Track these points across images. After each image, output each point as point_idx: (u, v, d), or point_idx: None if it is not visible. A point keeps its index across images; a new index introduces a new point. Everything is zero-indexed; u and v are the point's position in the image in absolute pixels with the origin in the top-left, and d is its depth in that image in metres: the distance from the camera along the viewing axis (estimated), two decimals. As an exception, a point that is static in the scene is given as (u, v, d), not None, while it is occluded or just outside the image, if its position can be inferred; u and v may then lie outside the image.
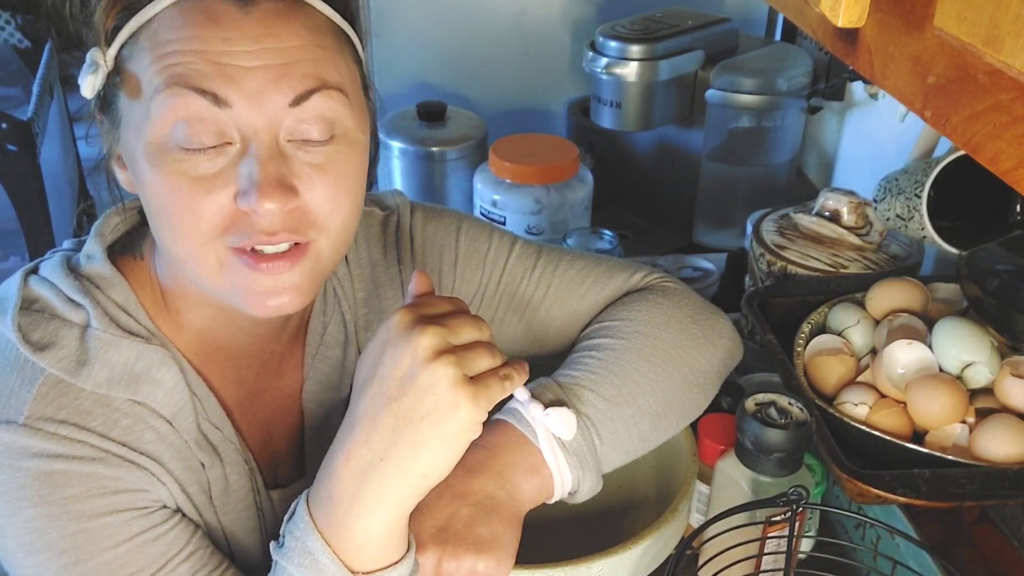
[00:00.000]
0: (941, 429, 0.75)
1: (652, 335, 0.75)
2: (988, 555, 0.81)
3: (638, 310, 0.78)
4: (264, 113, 0.59)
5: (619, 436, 0.70)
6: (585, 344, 0.76)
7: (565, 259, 0.84)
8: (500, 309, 0.83)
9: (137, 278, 0.70)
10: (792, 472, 0.73)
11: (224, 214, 0.60)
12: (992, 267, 0.80)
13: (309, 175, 0.61)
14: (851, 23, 0.51)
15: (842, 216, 1.05)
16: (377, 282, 0.80)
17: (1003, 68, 0.38)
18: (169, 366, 0.67)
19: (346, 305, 0.78)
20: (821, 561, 0.78)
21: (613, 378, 0.71)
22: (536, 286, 0.82)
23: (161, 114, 0.59)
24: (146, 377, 0.66)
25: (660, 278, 0.83)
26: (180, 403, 0.67)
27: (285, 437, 0.77)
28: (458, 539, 0.62)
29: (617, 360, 0.73)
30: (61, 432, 0.62)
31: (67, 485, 0.62)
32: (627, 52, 1.33)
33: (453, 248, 0.83)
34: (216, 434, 0.70)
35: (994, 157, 0.40)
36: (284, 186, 0.60)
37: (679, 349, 0.76)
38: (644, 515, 0.75)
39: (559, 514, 0.78)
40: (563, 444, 0.66)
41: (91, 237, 0.71)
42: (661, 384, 0.74)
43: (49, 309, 0.66)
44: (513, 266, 0.83)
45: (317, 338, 0.77)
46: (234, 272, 0.62)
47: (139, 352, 0.66)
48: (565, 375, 0.72)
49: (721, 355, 0.79)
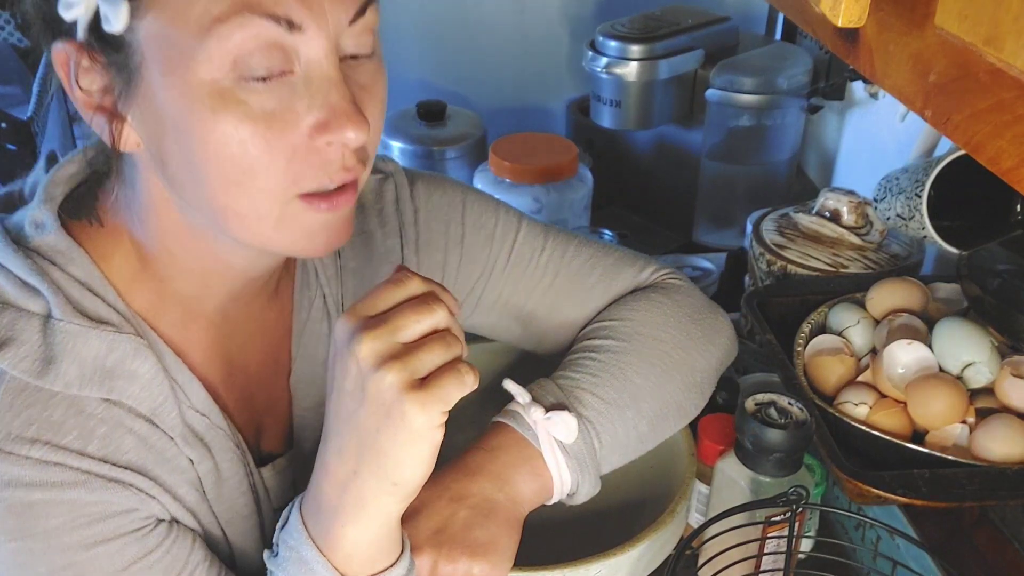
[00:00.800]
0: (941, 429, 0.75)
1: (653, 336, 0.75)
2: (988, 555, 0.81)
3: (640, 310, 0.77)
4: (332, 33, 0.53)
5: (618, 438, 0.70)
6: (585, 344, 0.75)
7: (573, 244, 0.81)
8: (506, 291, 0.80)
9: (99, 248, 0.61)
10: (792, 472, 0.73)
11: (299, 155, 0.54)
12: (992, 267, 0.80)
13: (364, 101, 0.56)
14: (851, 22, 0.51)
15: (842, 216, 1.04)
16: (372, 253, 0.75)
17: (1004, 67, 0.38)
18: (144, 356, 0.60)
19: (323, 278, 0.72)
20: (821, 561, 0.78)
21: (614, 381, 0.71)
22: (544, 271, 0.79)
23: (226, 47, 0.50)
24: (120, 371, 0.59)
25: (666, 274, 0.82)
26: (160, 396, 0.61)
27: (270, 409, 0.72)
28: (454, 542, 0.62)
29: (618, 362, 0.72)
30: (35, 455, 0.56)
31: (49, 516, 0.56)
32: (627, 51, 1.32)
33: (459, 223, 0.78)
34: (202, 422, 0.64)
35: (995, 156, 0.40)
36: (360, 112, 0.54)
37: (680, 350, 0.75)
38: (643, 516, 0.75)
39: (558, 516, 0.78)
40: (564, 447, 0.66)
41: (38, 201, 0.60)
42: (661, 386, 0.73)
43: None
44: (521, 245, 0.79)
45: (304, 313, 0.72)
46: (296, 220, 0.56)
47: (110, 343, 0.58)
48: (566, 377, 0.71)
49: (720, 354, 0.79)
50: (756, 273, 1.08)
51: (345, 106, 0.53)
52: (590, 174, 1.34)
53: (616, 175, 1.54)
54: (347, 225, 0.59)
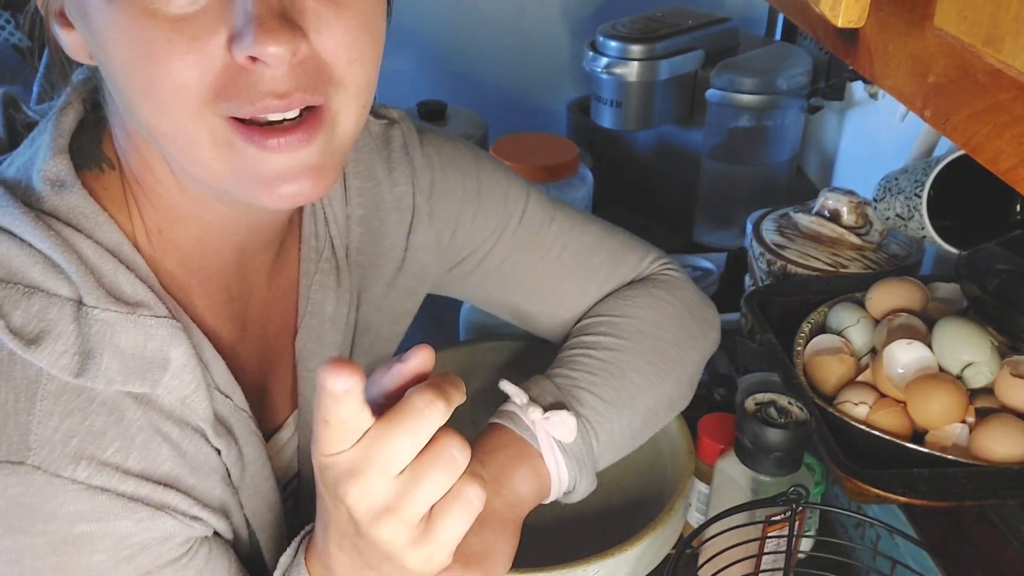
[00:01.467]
0: (941, 429, 0.75)
1: (653, 334, 0.75)
2: (988, 555, 0.81)
3: (641, 307, 0.76)
4: None
5: (614, 436, 0.70)
6: (583, 340, 0.75)
7: (580, 220, 0.80)
8: (512, 256, 0.76)
9: (115, 202, 0.53)
10: (792, 472, 0.73)
11: (216, 69, 0.45)
12: (992, 267, 0.80)
13: (318, 11, 0.46)
14: (851, 23, 0.51)
15: (842, 216, 1.05)
16: (379, 202, 0.69)
17: (1003, 68, 0.38)
18: (179, 340, 0.52)
19: (334, 228, 0.66)
20: (821, 561, 0.78)
21: (613, 380, 0.71)
22: (553, 241, 0.77)
23: None
24: (157, 360, 0.52)
25: (665, 264, 0.82)
26: (192, 383, 0.53)
27: (274, 370, 0.66)
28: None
29: (617, 361, 0.72)
30: (79, 476, 0.48)
31: (92, 552, 0.50)
32: (627, 52, 1.32)
33: (475, 176, 0.74)
34: (226, 405, 0.56)
35: (994, 157, 0.40)
36: (289, 23, 0.45)
37: (678, 347, 0.75)
38: (642, 516, 0.75)
39: (557, 516, 0.78)
40: (563, 446, 0.66)
41: (49, 147, 0.52)
42: (658, 384, 0.73)
43: (21, 277, 0.49)
44: (533, 211, 0.77)
45: (312, 265, 0.65)
46: (236, 153, 0.48)
47: (147, 330, 0.51)
48: (563, 375, 0.71)
49: (710, 347, 0.80)
50: (756, 273, 1.08)
51: (264, 15, 0.44)
52: (590, 174, 1.34)
53: (616, 175, 1.54)
54: (314, 173, 0.49)
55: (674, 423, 0.83)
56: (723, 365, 1.09)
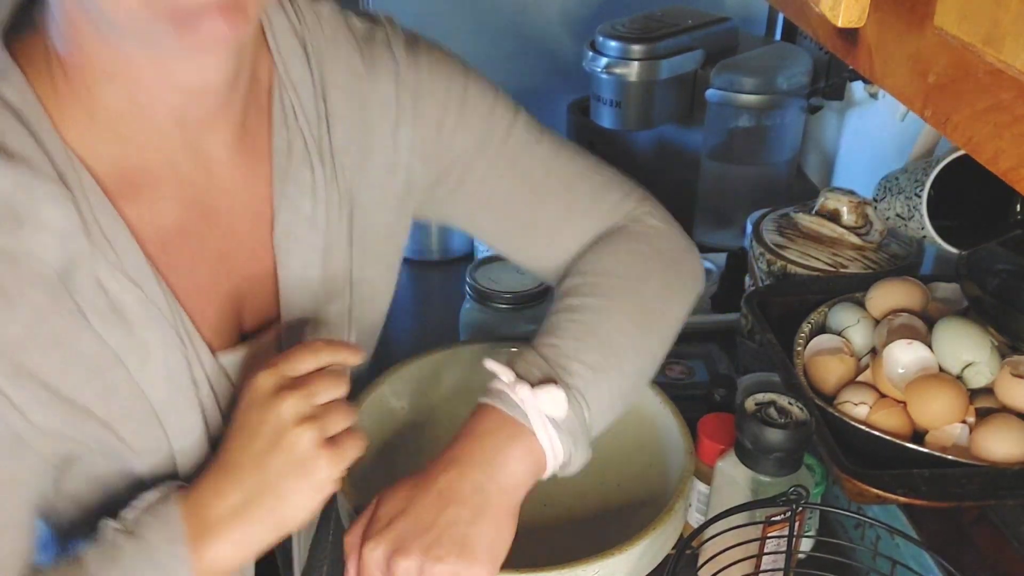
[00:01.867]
0: (941, 429, 0.75)
1: (634, 290, 0.74)
2: (988, 555, 0.81)
3: (621, 263, 0.76)
4: None
5: (604, 402, 0.69)
6: (567, 304, 0.73)
7: (567, 148, 0.79)
8: (495, 172, 0.76)
9: (34, 63, 0.54)
10: (792, 472, 0.73)
11: None
12: (992, 267, 0.80)
13: None
14: (851, 23, 0.51)
15: (842, 216, 1.05)
16: (363, 100, 0.69)
17: (1003, 67, 0.38)
18: (58, 203, 0.53)
19: (303, 120, 0.66)
20: (821, 561, 0.78)
21: (596, 343, 0.70)
22: (539, 163, 0.76)
23: None
24: (28, 216, 0.52)
25: (646, 211, 0.81)
26: (68, 256, 0.54)
27: (252, 272, 0.67)
28: (442, 542, 0.60)
29: (600, 322, 0.71)
30: None
31: None
32: (627, 51, 1.32)
33: (462, 84, 0.73)
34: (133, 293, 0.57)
35: (994, 156, 0.40)
36: None
37: (659, 300, 0.75)
38: (642, 516, 0.75)
39: (556, 516, 0.78)
40: (555, 422, 0.65)
41: None
42: (643, 342, 0.73)
43: None
44: (520, 129, 0.76)
45: (283, 158, 0.65)
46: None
47: (16, 180, 0.52)
48: (548, 344, 0.69)
49: (692, 297, 0.79)
50: (756, 273, 1.08)
51: None
52: (590, 174, 1.34)
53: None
54: (230, 12, 0.50)
55: (674, 423, 0.83)
56: (723, 365, 1.09)
